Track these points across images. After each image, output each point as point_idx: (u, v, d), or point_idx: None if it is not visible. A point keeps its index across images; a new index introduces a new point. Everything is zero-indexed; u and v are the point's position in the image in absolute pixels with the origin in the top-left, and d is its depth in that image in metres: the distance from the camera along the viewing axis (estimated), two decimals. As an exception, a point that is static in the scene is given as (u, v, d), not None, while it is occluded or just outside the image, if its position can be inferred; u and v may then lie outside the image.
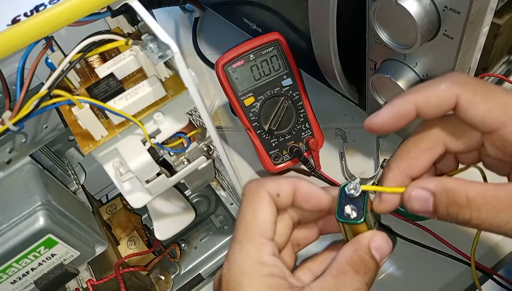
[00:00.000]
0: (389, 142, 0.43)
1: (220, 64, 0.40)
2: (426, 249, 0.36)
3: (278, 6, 0.42)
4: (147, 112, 0.26)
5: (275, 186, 0.22)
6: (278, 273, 0.20)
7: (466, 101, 0.19)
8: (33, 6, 0.22)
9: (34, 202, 0.27)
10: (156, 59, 0.23)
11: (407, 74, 0.33)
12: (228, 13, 0.53)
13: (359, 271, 0.20)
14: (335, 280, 0.19)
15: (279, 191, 0.22)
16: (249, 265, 0.19)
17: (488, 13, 0.29)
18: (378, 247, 0.20)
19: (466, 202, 0.18)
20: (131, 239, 0.39)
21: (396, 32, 0.31)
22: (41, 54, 0.25)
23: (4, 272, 0.26)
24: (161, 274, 0.39)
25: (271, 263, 0.20)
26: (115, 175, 0.27)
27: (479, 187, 0.18)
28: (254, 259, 0.20)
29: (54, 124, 0.29)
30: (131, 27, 0.29)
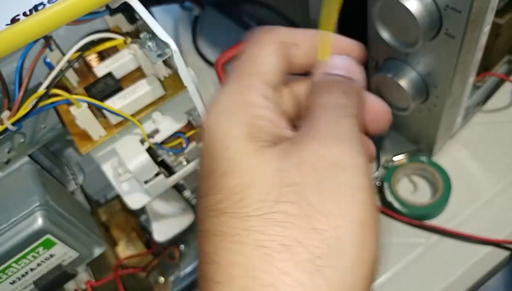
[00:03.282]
0: (390, 142, 0.43)
1: (220, 63, 0.39)
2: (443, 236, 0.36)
3: (278, 4, 0.42)
4: (146, 111, 0.26)
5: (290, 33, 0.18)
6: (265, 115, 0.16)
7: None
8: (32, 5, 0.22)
9: (32, 202, 0.27)
10: (154, 58, 0.22)
11: (408, 73, 0.33)
12: (228, 11, 0.52)
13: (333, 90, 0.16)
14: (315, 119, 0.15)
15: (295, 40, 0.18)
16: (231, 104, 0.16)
17: (489, 12, 0.29)
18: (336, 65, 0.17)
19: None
20: (130, 240, 0.39)
21: (398, 31, 0.30)
22: (39, 54, 0.25)
23: (3, 273, 0.26)
24: (160, 276, 0.39)
25: (260, 104, 0.16)
26: (113, 175, 0.27)
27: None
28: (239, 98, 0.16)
29: (53, 124, 0.29)
30: (130, 26, 0.29)
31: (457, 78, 0.32)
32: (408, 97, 0.34)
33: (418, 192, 0.40)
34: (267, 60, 0.17)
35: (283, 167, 0.14)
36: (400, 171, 0.40)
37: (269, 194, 0.14)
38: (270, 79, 0.17)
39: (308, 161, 0.14)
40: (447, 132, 0.40)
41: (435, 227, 0.37)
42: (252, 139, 0.15)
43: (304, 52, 0.18)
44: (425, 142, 0.40)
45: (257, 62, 0.17)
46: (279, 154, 0.15)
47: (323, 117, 0.15)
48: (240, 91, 0.16)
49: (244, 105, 0.16)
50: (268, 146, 0.15)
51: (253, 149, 0.15)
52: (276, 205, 0.14)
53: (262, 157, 0.15)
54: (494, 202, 0.38)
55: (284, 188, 0.14)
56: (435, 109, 0.35)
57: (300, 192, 0.14)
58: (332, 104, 0.16)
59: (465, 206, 0.38)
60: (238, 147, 0.15)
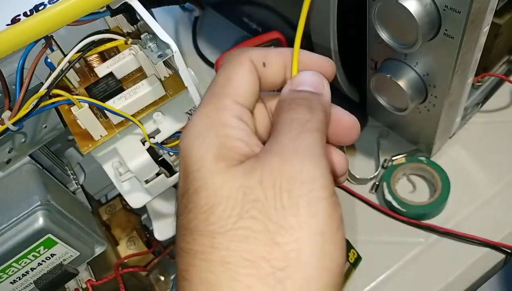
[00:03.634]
0: (389, 142, 0.43)
1: (219, 63, 0.39)
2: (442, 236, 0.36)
3: (278, 5, 0.42)
4: (147, 111, 0.26)
5: (261, 53, 0.18)
6: (237, 135, 0.16)
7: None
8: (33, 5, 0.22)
9: (33, 201, 0.27)
10: (155, 59, 0.22)
11: (407, 73, 0.33)
12: (228, 12, 0.53)
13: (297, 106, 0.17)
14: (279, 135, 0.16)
15: (266, 60, 0.18)
16: (205, 125, 0.16)
17: (488, 12, 0.29)
18: (303, 81, 0.18)
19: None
20: (131, 239, 0.39)
21: (397, 31, 0.30)
22: (40, 54, 0.25)
23: (4, 272, 0.26)
24: (160, 275, 0.39)
25: (232, 125, 0.16)
26: (115, 175, 0.27)
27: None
28: (212, 120, 0.16)
29: (54, 124, 0.29)
30: (131, 27, 0.29)
31: (456, 79, 0.32)
32: (407, 97, 0.34)
33: (417, 192, 0.40)
34: (240, 81, 0.18)
35: (247, 183, 0.15)
36: (399, 171, 0.41)
37: (233, 210, 0.15)
38: (243, 100, 0.17)
39: (269, 176, 0.15)
40: (446, 133, 0.40)
41: (434, 227, 0.37)
42: (221, 159, 0.16)
43: (275, 71, 0.19)
44: (424, 143, 0.40)
45: (230, 84, 0.18)
46: (244, 171, 0.15)
47: (285, 133, 0.16)
48: (214, 113, 0.17)
49: (217, 126, 0.16)
50: (236, 165, 0.16)
51: (221, 168, 0.15)
52: (239, 221, 0.14)
53: (228, 175, 0.15)
54: (493, 202, 0.38)
55: (246, 204, 0.15)
56: (434, 109, 0.35)
57: (262, 208, 0.14)
58: (295, 120, 0.16)
59: (464, 206, 0.39)
60: (208, 167, 0.15)
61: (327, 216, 0.15)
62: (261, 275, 0.14)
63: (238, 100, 0.17)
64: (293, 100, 0.17)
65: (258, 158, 0.16)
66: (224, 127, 0.16)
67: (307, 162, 0.15)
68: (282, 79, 0.19)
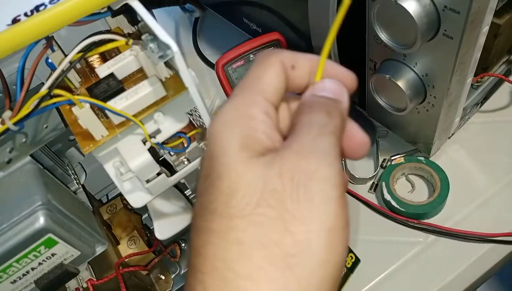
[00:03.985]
0: (388, 142, 0.44)
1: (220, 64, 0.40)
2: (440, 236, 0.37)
3: (278, 6, 0.42)
4: (148, 112, 0.26)
5: (291, 57, 0.20)
6: (262, 129, 0.18)
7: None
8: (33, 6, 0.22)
9: (34, 201, 0.27)
10: (156, 59, 0.23)
11: (407, 74, 0.33)
12: (228, 13, 0.53)
13: (317, 110, 0.18)
14: (301, 135, 0.17)
15: (295, 64, 0.20)
16: (234, 116, 0.18)
17: (488, 13, 0.29)
18: (324, 87, 0.19)
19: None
20: (131, 239, 0.39)
21: (396, 32, 0.31)
22: (41, 54, 0.25)
23: (4, 272, 0.27)
24: (161, 274, 0.39)
25: (260, 119, 0.18)
26: (116, 174, 0.27)
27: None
28: (242, 111, 0.18)
29: (55, 124, 0.29)
30: (132, 27, 0.29)
31: (455, 79, 0.32)
32: (406, 97, 0.34)
33: (416, 192, 0.40)
34: (270, 80, 0.19)
35: (267, 174, 0.16)
36: (398, 171, 0.41)
37: (253, 197, 0.16)
38: (271, 97, 0.19)
39: (288, 170, 0.16)
40: (445, 133, 0.40)
41: (433, 226, 0.37)
42: (245, 149, 0.17)
43: (302, 75, 0.20)
44: (423, 142, 0.40)
45: (261, 82, 0.19)
46: (264, 163, 0.17)
47: (304, 134, 0.17)
48: (244, 105, 0.18)
49: (245, 118, 0.18)
50: (258, 156, 0.17)
51: (245, 157, 0.17)
52: (258, 208, 0.16)
53: (251, 165, 0.16)
54: (491, 201, 0.38)
55: (265, 193, 0.16)
56: (433, 109, 0.35)
57: (279, 198, 0.16)
58: (314, 123, 0.18)
59: (463, 206, 0.39)
60: (232, 155, 0.17)
61: (337, 214, 0.16)
62: (272, 258, 0.15)
63: (266, 96, 0.19)
64: (313, 104, 0.19)
65: (279, 152, 0.17)
66: (251, 120, 0.18)
67: (323, 161, 0.16)
68: (306, 83, 0.20)
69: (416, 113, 0.37)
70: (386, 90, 0.36)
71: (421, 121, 0.37)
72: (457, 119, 0.39)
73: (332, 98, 0.19)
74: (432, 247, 0.37)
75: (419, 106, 0.36)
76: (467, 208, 0.39)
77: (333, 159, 0.17)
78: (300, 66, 0.20)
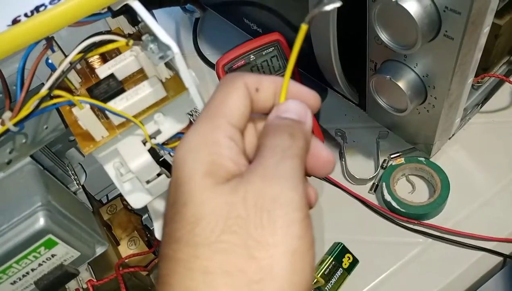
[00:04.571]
0: (389, 142, 0.44)
1: (220, 64, 0.40)
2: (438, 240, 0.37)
3: (278, 7, 0.42)
4: (148, 112, 0.26)
5: (255, 79, 0.20)
6: (227, 154, 0.18)
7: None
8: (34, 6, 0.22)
9: (34, 202, 0.27)
10: (156, 60, 0.23)
11: (407, 75, 0.33)
12: (229, 14, 0.53)
13: (280, 132, 0.18)
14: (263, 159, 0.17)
15: (260, 86, 0.20)
16: (199, 142, 0.18)
17: (488, 13, 0.29)
18: (288, 109, 0.19)
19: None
20: (132, 239, 0.39)
21: (397, 33, 0.31)
22: (41, 55, 0.25)
23: (4, 273, 0.26)
24: (161, 275, 0.39)
25: (224, 144, 0.18)
26: (116, 175, 0.27)
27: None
28: (206, 137, 0.18)
29: (55, 124, 0.29)
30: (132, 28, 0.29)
31: (456, 80, 0.32)
32: (406, 98, 0.34)
33: (416, 192, 0.40)
34: (234, 104, 0.19)
35: (231, 201, 0.16)
36: (398, 171, 0.41)
37: (217, 225, 0.16)
38: (236, 121, 0.19)
39: (251, 196, 0.16)
40: (446, 133, 0.40)
41: (433, 226, 0.37)
42: (210, 175, 0.17)
43: (267, 96, 0.20)
44: (423, 143, 0.40)
45: (225, 105, 0.19)
46: (229, 189, 0.17)
47: (268, 157, 0.17)
48: (208, 131, 0.18)
49: (210, 143, 0.18)
50: (223, 182, 0.17)
51: (210, 184, 0.17)
52: (222, 235, 0.16)
53: (215, 192, 0.16)
54: (492, 202, 0.38)
55: (229, 220, 0.16)
56: (433, 110, 0.35)
57: (243, 224, 0.16)
58: (278, 146, 0.18)
59: (463, 206, 0.39)
60: (197, 182, 0.17)
61: (299, 237, 0.16)
62: (237, 285, 0.15)
63: (231, 121, 0.19)
64: (278, 126, 0.19)
65: (243, 177, 0.17)
66: (216, 146, 0.18)
67: (286, 185, 0.17)
68: (272, 104, 0.20)
69: (416, 114, 0.37)
70: (387, 91, 0.36)
71: (421, 122, 0.37)
72: (458, 120, 0.39)
73: (296, 120, 0.19)
74: (432, 248, 0.37)
75: (419, 107, 0.36)
76: (468, 208, 0.38)
77: (296, 182, 0.17)
78: (265, 88, 0.20)
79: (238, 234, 0.16)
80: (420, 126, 0.38)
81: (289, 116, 0.19)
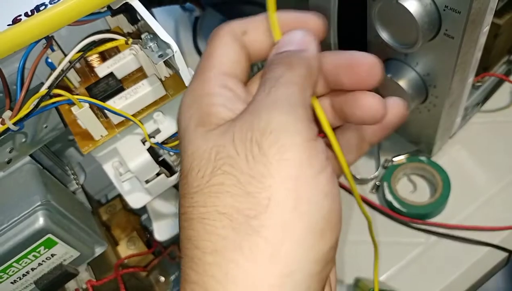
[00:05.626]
0: (389, 142, 0.43)
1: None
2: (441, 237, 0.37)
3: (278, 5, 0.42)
4: (147, 111, 0.26)
5: (241, 24, 0.19)
6: (220, 102, 0.17)
7: None
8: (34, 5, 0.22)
9: (34, 201, 0.27)
10: (156, 58, 0.23)
11: (408, 74, 0.33)
12: (228, 13, 0.53)
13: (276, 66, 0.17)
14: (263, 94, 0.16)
15: (246, 28, 0.18)
16: (191, 97, 0.17)
17: (488, 13, 0.29)
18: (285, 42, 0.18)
19: None
20: (131, 240, 0.39)
21: (397, 32, 0.31)
22: (41, 54, 0.25)
23: (4, 272, 0.26)
24: (160, 275, 0.39)
25: (215, 93, 0.17)
26: (115, 174, 0.27)
27: None
28: (197, 91, 0.17)
29: (54, 124, 0.29)
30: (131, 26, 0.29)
31: (456, 79, 0.32)
32: (407, 97, 0.34)
33: (418, 192, 0.40)
34: (221, 52, 0.18)
35: (220, 143, 0.15)
36: (399, 171, 0.41)
37: (207, 169, 0.15)
38: (227, 69, 0.18)
39: (240, 133, 0.15)
40: (447, 133, 0.40)
41: (435, 224, 0.37)
42: (200, 125, 0.16)
43: (258, 38, 0.19)
44: (424, 143, 0.40)
45: (212, 58, 0.18)
46: (219, 132, 0.16)
47: (259, 92, 0.16)
48: (198, 85, 0.18)
49: (200, 96, 0.17)
50: (214, 129, 0.16)
51: (200, 133, 0.16)
52: (213, 178, 0.15)
53: (204, 139, 0.16)
54: (493, 201, 0.38)
55: (219, 161, 0.15)
56: (434, 109, 0.35)
57: (234, 162, 0.15)
58: (268, 79, 0.17)
59: (465, 206, 0.38)
60: (189, 134, 0.16)
61: (300, 161, 0.15)
62: (235, 225, 0.14)
63: (221, 70, 0.18)
64: (273, 61, 0.17)
65: (233, 119, 0.16)
66: (207, 97, 0.17)
67: (276, 111, 0.15)
68: (266, 46, 0.19)
69: (417, 113, 0.37)
70: (387, 90, 0.36)
71: (422, 121, 0.37)
72: (459, 119, 0.39)
73: (293, 50, 0.17)
74: (434, 247, 0.37)
75: (420, 106, 0.36)
76: (469, 208, 0.38)
77: (290, 106, 0.15)
78: (252, 29, 0.19)
79: (229, 173, 0.15)
80: (421, 126, 0.38)
81: (287, 49, 0.18)
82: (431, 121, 0.36)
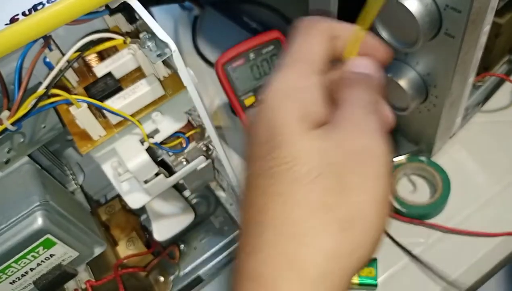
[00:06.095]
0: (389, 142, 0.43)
1: (219, 63, 0.39)
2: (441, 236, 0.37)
3: (278, 4, 0.42)
4: (146, 111, 0.26)
5: (334, 27, 0.20)
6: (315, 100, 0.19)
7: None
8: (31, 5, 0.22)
9: (32, 202, 0.27)
10: (154, 58, 0.22)
11: (408, 73, 0.33)
12: (228, 12, 0.52)
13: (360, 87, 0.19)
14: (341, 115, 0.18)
15: (339, 34, 0.20)
16: (290, 87, 0.19)
17: (489, 12, 0.29)
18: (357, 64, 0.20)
19: None
20: (130, 240, 0.39)
21: (397, 31, 0.30)
22: (39, 54, 0.25)
23: (4, 272, 0.26)
24: (160, 275, 0.39)
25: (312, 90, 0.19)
26: (113, 175, 0.27)
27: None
28: (297, 83, 0.19)
29: (52, 124, 0.29)
30: (130, 26, 0.29)
31: (457, 78, 0.32)
32: (407, 97, 0.34)
33: (418, 192, 0.40)
34: (316, 50, 0.19)
35: (325, 147, 0.18)
36: (399, 171, 0.40)
37: (313, 167, 0.17)
38: (318, 67, 0.19)
39: (344, 143, 0.18)
40: (447, 132, 0.40)
41: (434, 226, 0.37)
42: (303, 121, 0.18)
43: (343, 45, 0.20)
44: (424, 142, 0.40)
45: (307, 51, 0.19)
46: (322, 135, 0.18)
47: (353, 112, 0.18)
48: (299, 77, 0.19)
49: (301, 90, 0.18)
50: (315, 127, 0.18)
51: (304, 129, 0.18)
52: (318, 177, 0.17)
53: (309, 136, 0.18)
54: (493, 202, 0.38)
55: (323, 165, 0.17)
56: (434, 109, 0.35)
57: (335, 169, 0.17)
58: (359, 101, 0.19)
59: (464, 206, 0.38)
60: (292, 126, 0.18)
61: (385, 189, 0.18)
62: (326, 221, 0.17)
63: (314, 67, 0.19)
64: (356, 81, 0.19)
65: (334, 126, 0.18)
66: (307, 92, 0.18)
67: (375, 140, 0.18)
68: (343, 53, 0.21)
69: (417, 113, 0.37)
70: (388, 90, 0.35)
71: (422, 121, 0.37)
72: (459, 119, 0.39)
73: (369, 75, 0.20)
74: (434, 248, 0.37)
75: (420, 106, 0.36)
76: (469, 208, 0.38)
77: (383, 137, 0.18)
78: (342, 38, 0.20)
79: (331, 178, 0.17)
80: (421, 125, 0.38)
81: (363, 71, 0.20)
82: (431, 121, 0.36)
